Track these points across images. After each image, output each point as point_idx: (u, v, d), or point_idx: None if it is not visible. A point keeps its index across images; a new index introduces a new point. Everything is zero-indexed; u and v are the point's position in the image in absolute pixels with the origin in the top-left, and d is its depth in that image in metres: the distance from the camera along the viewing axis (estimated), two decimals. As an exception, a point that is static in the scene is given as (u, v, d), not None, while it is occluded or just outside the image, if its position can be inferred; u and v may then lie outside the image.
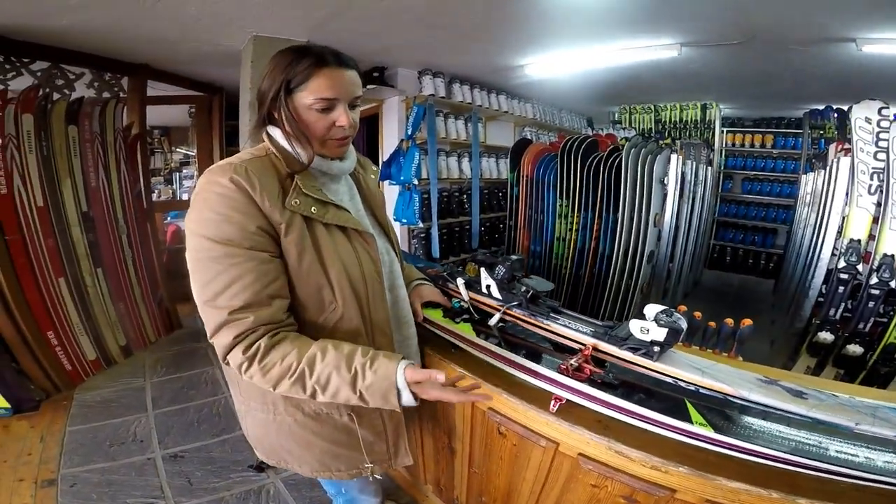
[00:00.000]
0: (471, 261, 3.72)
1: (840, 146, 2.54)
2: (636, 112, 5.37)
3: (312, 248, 0.79)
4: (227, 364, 0.78)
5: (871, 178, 2.07)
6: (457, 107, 3.73)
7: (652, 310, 0.84)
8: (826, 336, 2.12)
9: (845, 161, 2.17)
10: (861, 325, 2.05)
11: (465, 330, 1.09)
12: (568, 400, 0.93)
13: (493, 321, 1.03)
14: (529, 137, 4.34)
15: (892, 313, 1.99)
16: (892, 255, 1.98)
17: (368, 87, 3.17)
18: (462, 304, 1.15)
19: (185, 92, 3.62)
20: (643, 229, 2.68)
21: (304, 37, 2.51)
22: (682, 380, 0.84)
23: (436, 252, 3.52)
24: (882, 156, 2.03)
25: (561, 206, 3.13)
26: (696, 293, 4.58)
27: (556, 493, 1.07)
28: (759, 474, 0.78)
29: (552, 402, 0.94)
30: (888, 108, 2.05)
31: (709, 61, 3.20)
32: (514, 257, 1.07)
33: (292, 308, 0.82)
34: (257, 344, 0.74)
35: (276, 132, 0.83)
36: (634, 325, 0.84)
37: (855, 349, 2.04)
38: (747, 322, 1.27)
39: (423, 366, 1.28)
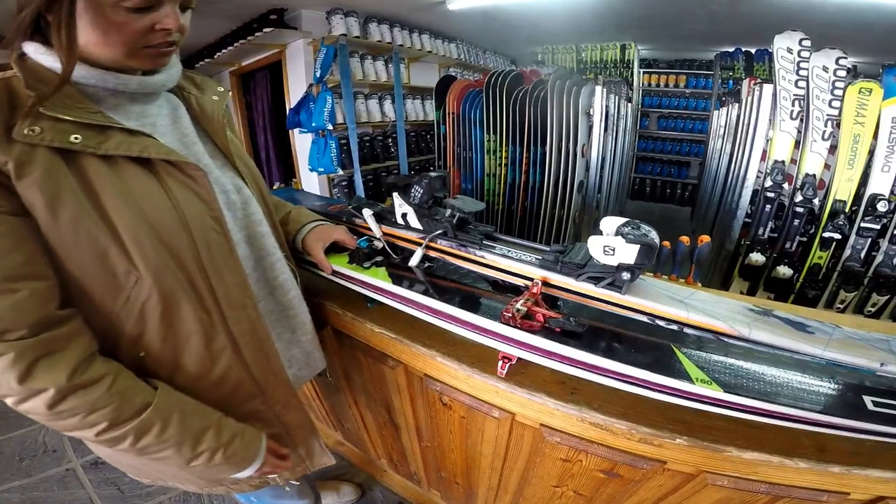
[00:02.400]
0: (384, 187, 3.43)
1: (753, 81, 2.62)
2: (558, 52, 5.35)
3: (77, 193, 0.54)
4: None
5: (793, 105, 2.13)
6: (375, 47, 3.42)
7: (611, 223, 0.63)
8: (757, 257, 2.20)
9: (768, 88, 2.21)
10: (788, 245, 2.16)
11: (379, 276, 0.84)
12: (521, 359, 0.72)
13: (413, 260, 0.81)
14: (455, 76, 4.13)
15: (814, 233, 2.09)
16: (814, 175, 2.08)
17: (266, 30, 2.82)
18: (373, 242, 0.91)
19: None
20: (571, 160, 2.62)
21: None
22: (662, 317, 0.65)
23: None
24: (802, 84, 2.10)
25: (489, 141, 3.00)
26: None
27: (519, 468, 0.92)
28: (778, 439, 0.62)
29: (499, 364, 0.73)
30: (808, 39, 2.09)
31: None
32: (432, 174, 0.82)
33: (67, 293, 0.57)
34: (7, 357, 0.50)
35: (30, 47, 0.56)
36: (595, 245, 0.63)
37: (785, 271, 2.14)
38: (705, 239, 1.14)
39: (327, 340, 1.07)
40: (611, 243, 0.61)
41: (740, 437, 0.63)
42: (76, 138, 0.53)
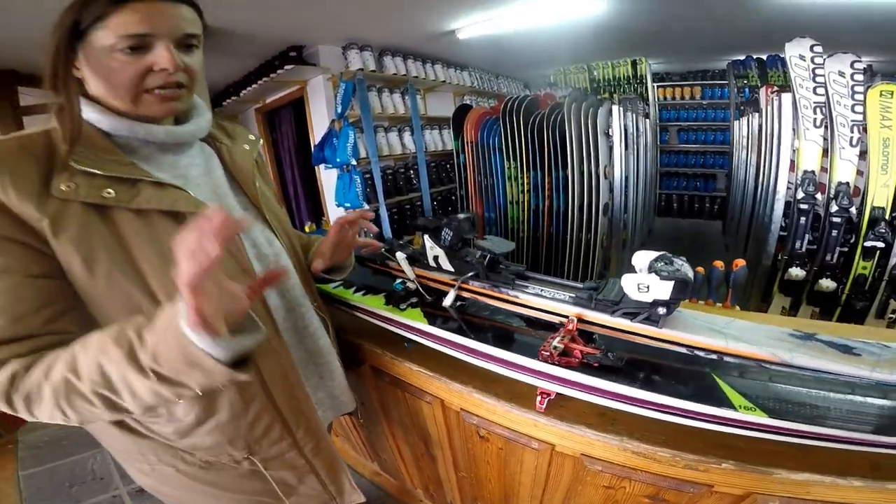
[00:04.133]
0: (412, 228, 3.56)
1: (770, 89, 2.59)
2: (571, 73, 5.40)
3: (112, 249, 0.56)
4: None
5: (815, 112, 2.10)
6: (391, 80, 3.52)
7: (643, 259, 0.64)
8: (797, 272, 2.13)
9: (787, 97, 2.18)
10: (828, 257, 2.08)
11: (415, 317, 0.87)
12: (559, 393, 0.73)
13: (447, 301, 0.82)
14: (470, 104, 4.21)
15: (854, 242, 2.02)
16: (847, 182, 2.02)
17: (287, 67, 2.95)
18: (407, 284, 0.94)
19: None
20: (595, 182, 2.62)
21: None
22: (700, 348, 0.65)
23: (387, 233, 3.32)
24: (821, 90, 2.06)
25: (509, 168, 3.05)
26: (651, 241, 4.72)
27: (560, 496, 0.90)
28: (828, 459, 0.62)
29: (538, 398, 0.74)
30: (819, 44, 2.07)
31: (635, 14, 3.17)
32: (461, 216, 0.84)
33: None
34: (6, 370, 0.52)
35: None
36: (629, 283, 0.64)
37: (828, 284, 2.06)
38: (740, 263, 1.12)
39: (365, 376, 1.08)
40: (644, 281, 0.62)
41: (789, 459, 0.62)
42: (109, 193, 0.56)
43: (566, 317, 0.73)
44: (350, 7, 2.55)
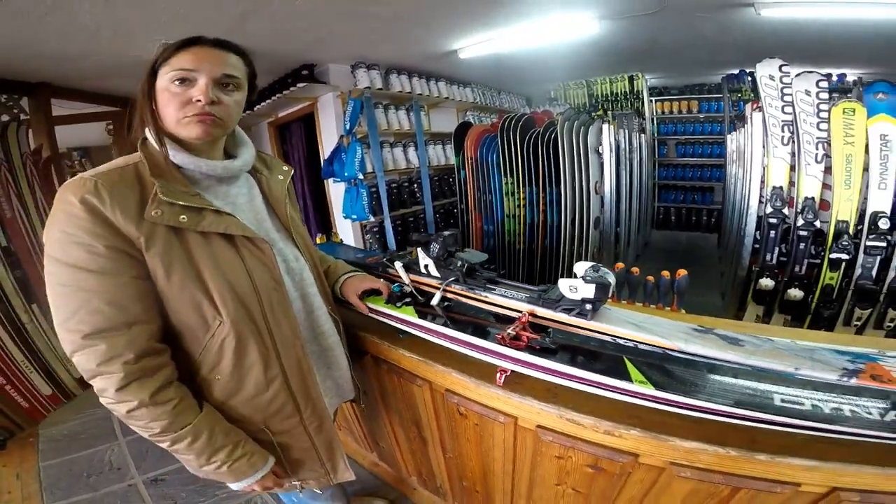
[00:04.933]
0: (407, 243, 3.73)
1: (755, 105, 2.71)
2: (570, 88, 5.58)
3: (184, 261, 0.74)
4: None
5: (783, 130, 2.24)
6: (396, 97, 3.70)
7: (581, 267, 0.83)
8: (767, 282, 2.27)
9: (757, 116, 2.32)
10: (797, 268, 2.22)
11: (408, 313, 1.08)
12: (514, 371, 0.92)
13: (434, 300, 1.02)
14: (471, 121, 4.38)
15: (822, 254, 2.15)
16: (813, 198, 2.17)
17: (299, 85, 3.13)
18: (403, 287, 1.14)
19: (99, 108, 3.36)
20: (585, 197, 2.79)
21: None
22: (619, 337, 0.83)
23: (392, 244, 3.50)
24: (789, 109, 2.20)
25: (506, 183, 3.21)
26: (646, 254, 4.82)
27: (527, 469, 1.08)
28: (715, 432, 0.75)
29: (498, 375, 0.93)
30: (788, 65, 2.22)
31: (628, 33, 3.33)
32: (446, 233, 1.06)
33: (172, 330, 0.77)
34: (116, 375, 0.70)
35: (150, 134, 0.77)
36: (563, 285, 0.84)
37: (796, 293, 2.21)
38: (682, 273, 1.31)
39: (368, 366, 1.28)
40: (574, 283, 0.81)
41: (684, 430, 0.76)
42: (183, 218, 0.72)
43: (521, 312, 0.93)
44: (359, 29, 2.72)
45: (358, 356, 1.26)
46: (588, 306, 0.83)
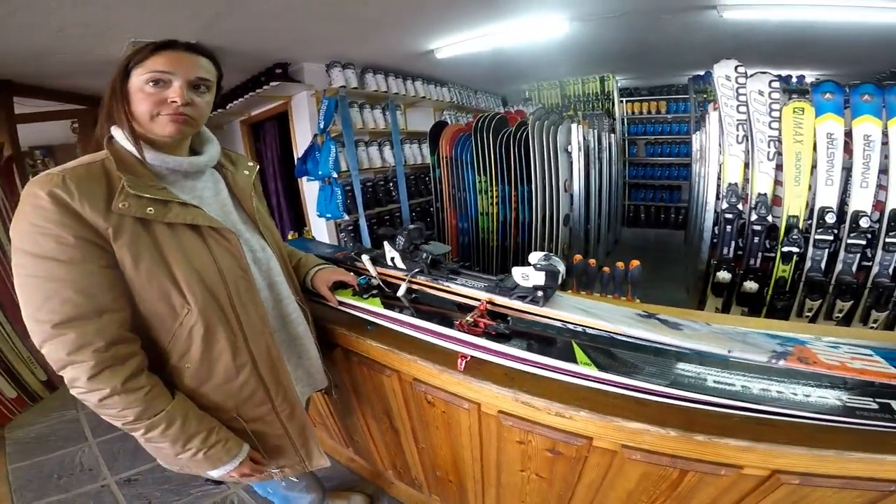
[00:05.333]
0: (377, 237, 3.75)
1: (714, 105, 2.83)
2: (544, 89, 5.68)
3: (152, 251, 0.76)
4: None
5: (738, 129, 2.34)
6: (372, 96, 3.71)
7: (534, 257, 0.88)
8: (724, 275, 2.37)
9: (715, 115, 2.42)
10: (752, 262, 2.33)
11: (375, 304, 1.11)
12: (474, 357, 0.95)
13: (400, 292, 1.06)
14: (447, 120, 4.42)
15: (775, 248, 2.26)
16: (765, 194, 2.28)
17: (272, 83, 3.11)
18: (370, 279, 1.17)
19: (65, 106, 3.26)
20: (555, 195, 2.86)
21: (192, 39, 2.36)
22: (569, 322, 0.88)
23: (367, 243, 3.50)
24: (743, 108, 2.30)
25: (480, 182, 3.27)
26: (617, 250, 4.95)
27: (494, 455, 1.11)
28: (657, 413, 0.78)
29: (459, 361, 0.97)
30: (743, 66, 2.32)
31: (598, 36, 3.43)
32: (411, 226, 1.10)
33: (141, 319, 0.79)
34: (87, 363, 0.71)
35: (116, 132, 0.80)
36: (516, 273, 0.89)
37: (751, 286, 2.31)
38: (635, 263, 1.38)
39: (338, 358, 1.30)
40: (526, 272, 0.87)
41: (628, 411, 0.80)
42: (150, 210, 0.75)
43: (480, 300, 0.98)
44: (334, 29, 2.73)
45: (329, 349, 1.28)
46: (539, 293, 0.87)
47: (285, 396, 0.96)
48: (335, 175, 3.21)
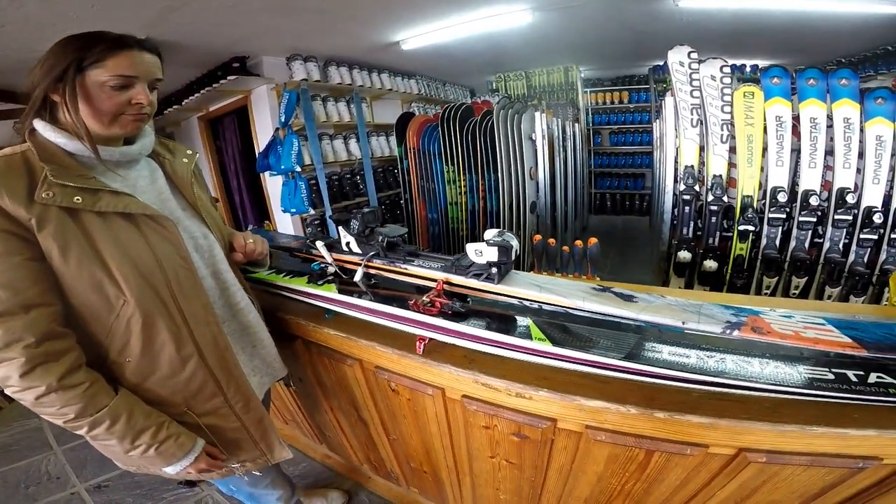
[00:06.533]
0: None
1: (671, 92, 2.91)
2: (510, 79, 5.72)
3: (81, 241, 0.73)
4: None
5: (692, 113, 2.41)
6: (336, 89, 3.66)
7: (489, 233, 0.87)
8: (685, 255, 2.44)
9: (669, 100, 2.49)
10: (711, 241, 2.40)
11: (330, 290, 1.08)
12: (433, 339, 0.93)
13: (357, 277, 1.03)
14: (416, 112, 4.40)
15: (732, 227, 2.34)
16: (720, 175, 2.36)
17: (229, 78, 3.03)
18: (324, 265, 1.14)
19: (7, 106, 3.06)
20: (521, 183, 2.88)
21: (140, 34, 2.25)
22: (524, 299, 0.87)
23: (334, 237, 3.44)
24: (697, 93, 2.37)
25: (448, 172, 3.27)
26: (585, 237, 5.02)
27: (464, 442, 1.09)
28: (617, 390, 0.77)
29: (417, 344, 0.95)
30: (695, 52, 2.39)
31: (561, 26, 3.48)
32: (365, 209, 1.07)
33: (76, 313, 0.76)
34: (18, 360, 0.68)
35: (39, 125, 0.76)
36: (470, 249, 0.87)
37: (711, 264, 2.38)
38: (593, 241, 1.40)
39: (299, 351, 1.26)
40: (479, 247, 0.85)
41: (589, 390, 0.79)
42: (77, 199, 0.72)
43: (437, 280, 0.96)
44: (293, 21, 2.67)
45: (288, 340, 1.23)
46: (494, 270, 0.86)
47: (238, 388, 0.92)
48: (298, 169, 3.15)
